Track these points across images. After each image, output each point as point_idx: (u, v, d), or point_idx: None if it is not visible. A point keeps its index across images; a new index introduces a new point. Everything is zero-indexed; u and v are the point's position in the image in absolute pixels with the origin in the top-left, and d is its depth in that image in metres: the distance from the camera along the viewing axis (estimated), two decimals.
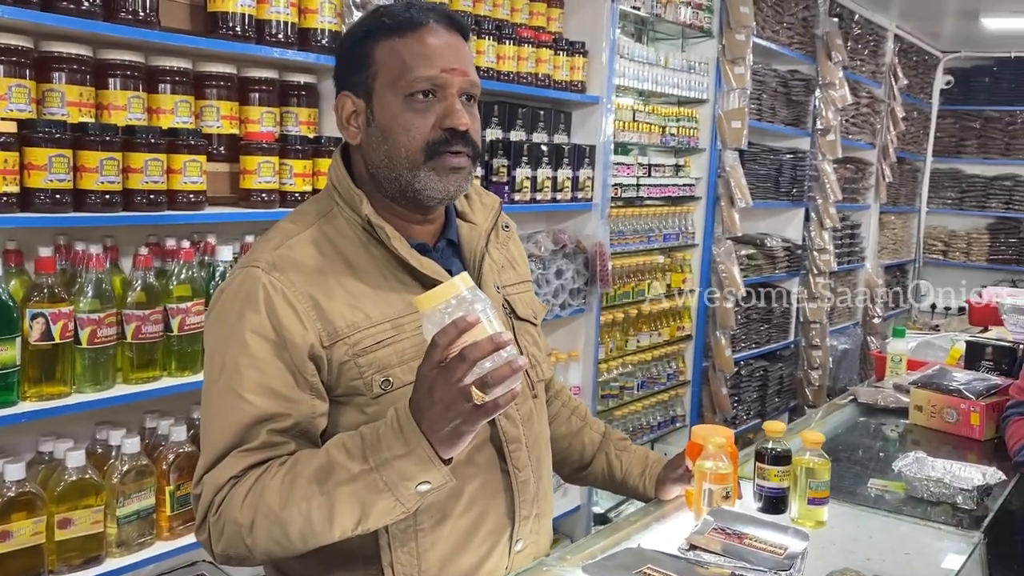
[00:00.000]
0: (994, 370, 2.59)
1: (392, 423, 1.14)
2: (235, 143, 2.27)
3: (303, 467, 1.18)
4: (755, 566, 1.36)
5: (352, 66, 1.31)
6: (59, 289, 1.86)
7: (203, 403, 1.28)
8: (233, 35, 2.16)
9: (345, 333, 1.25)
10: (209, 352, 1.29)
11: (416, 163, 1.28)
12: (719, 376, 4.32)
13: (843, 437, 2.35)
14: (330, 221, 1.33)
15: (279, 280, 1.24)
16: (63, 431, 1.99)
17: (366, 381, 1.26)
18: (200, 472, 1.24)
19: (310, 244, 1.30)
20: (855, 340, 6.10)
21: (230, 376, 1.22)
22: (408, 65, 1.26)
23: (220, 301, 1.29)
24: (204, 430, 1.26)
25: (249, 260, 1.28)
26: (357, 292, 1.28)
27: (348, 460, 1.15)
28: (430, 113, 1.27)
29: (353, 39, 1.33)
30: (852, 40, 5.48)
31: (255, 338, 1.22)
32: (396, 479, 1.13)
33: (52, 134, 1.83)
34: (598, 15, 3.33)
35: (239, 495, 1.19)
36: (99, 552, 1.92)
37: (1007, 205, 7.08)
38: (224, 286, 1.30)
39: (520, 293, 1.49)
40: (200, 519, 1.23)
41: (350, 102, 1.32)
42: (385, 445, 1.13)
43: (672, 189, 4.00)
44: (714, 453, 1.62)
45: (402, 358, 1.28)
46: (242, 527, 1.18)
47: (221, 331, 1.26)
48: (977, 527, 1.72)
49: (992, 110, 7.16)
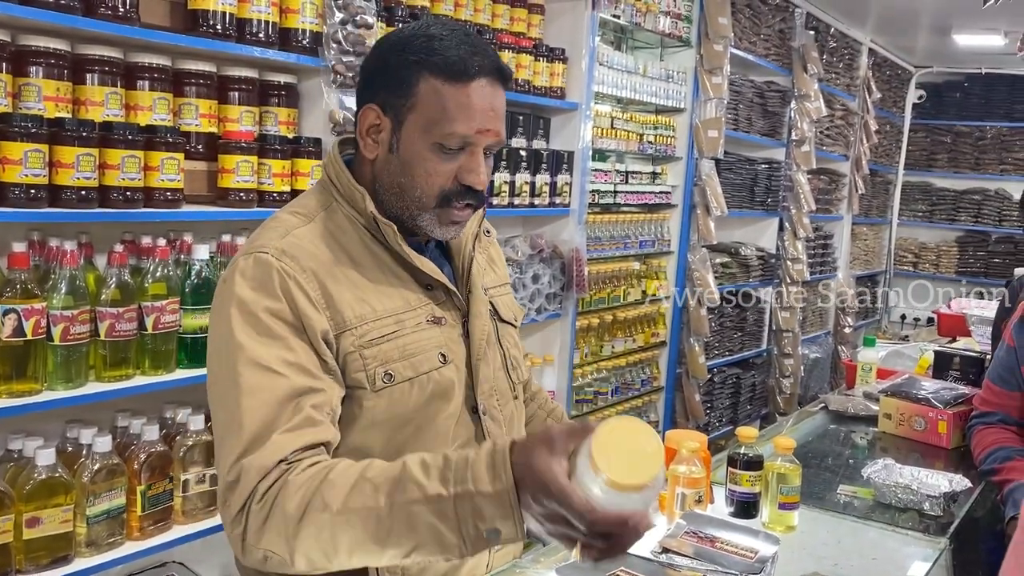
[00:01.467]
0: (961, 379, 2.64)
1: (486, 454, 1.04)
2: (213, 141, 2.26)
3: (373, 472, 1.09)
4: (726, 569, 1.38)
5: (389, 84, 1.28)
6: (32, 285, 1.84)
7: (221, 388, 1.20)
8: (213, 33, 2.15)
9: (353, 324, 1.25)
10: (224, 338, 1.20)
11: (425, 207, 1.30)
12: (692, 383, 4.35)
13: (814, 444, 2.38)
14: (331, 216, 1.32)
15: (290, 267, 1.23)
16: (33, 429, 1.96)
17: (369, 374, 1.25)
18: (234, 455, 1.13)
19: (315, 236, 1.29)
20: (826, 349, 6.18)
21: (257, 354, 1.17)
22: (448, 116, 1.25)
23: (228, 288, 1.24)
24: (231, 411, 1.16)
25: (256, 247, 1.25)
26: (361, 285, 1.28)
27: (424, 477, 1.05)
28: (453, 163, 1.28)
29: (399, 58, 1.28)
30: (828, 53, 5.55)
31: (274, 320, 1.20)
32: (469, 515, 1.02)
33: (28, 128, 1.81)
34: (578, 22, 3.35)
35: (295, 484, 1.09)
36: (68, 552, 1.90)
37: (976, 219, 7.21)
38: (229, 275, 1.25)
39: (502, 296, 1.51)
40: (237, 508, 1.12)
41: (375, 115, 1.30)
42: (474, 476, 1.02)
43: (649, 196, 4.03)
44: (687, 457, 1.63)
45: (403, 353, 1.28)
46: (289, 519, 1.08)
47: (236, 317, 1.20)
48: (943, 533, 1.75)
49: (962, 125, 7.29)
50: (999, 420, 2.17)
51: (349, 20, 2.40)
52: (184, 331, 2.14)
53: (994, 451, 2.09)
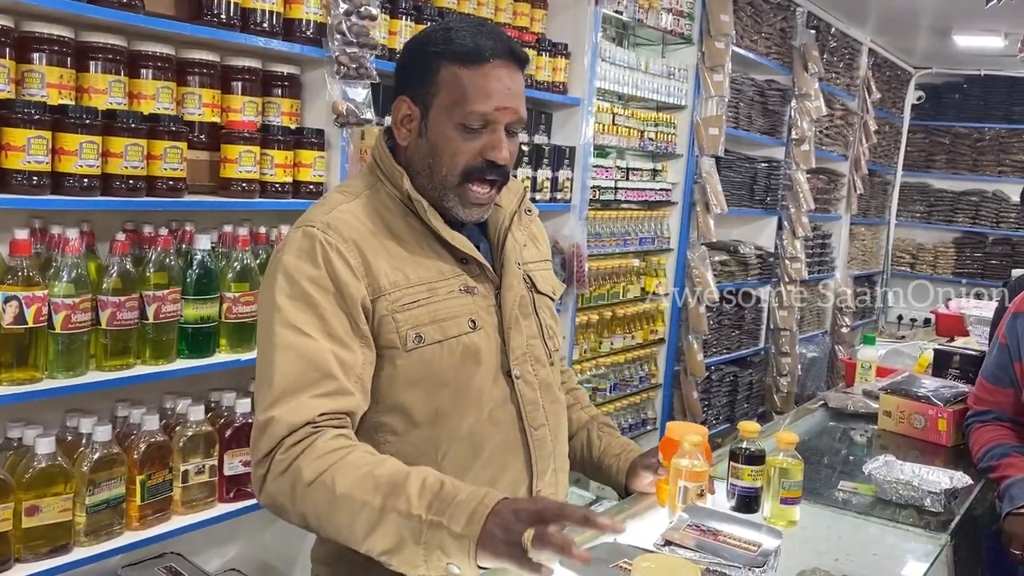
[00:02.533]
0: (960, 378, 2.64)
1: (472, 502, 1.16)
2: (216, 131, 2.25)
3: (382, 470, 1.22)
4: (729, 562, 1.38)
5: (415, 76, 1.42)
6: (34, 273, 1.83)
7: (262, 344, 1.35)
8: (218, 22, 2.14)
9: (387, 290, 1.38)
10: (270, 303, 1.35)
11: (450, 184, 1.41)
12: (690, 380, 4.36)
13: (813, 441, 2.38)
14: (375, 194, 1.46)
15: (333, 237, 1.36)
16: (33, 417, 1.96)
17: (401, 335, 1.37)
18: (265, 404, 1.29)
19: (359, 210, 1.42)
20: (823, 348, 6.19)
21: (293, 317, 1.31)
22: (468, 97, 1.37)
23: (278, 258, 1.38)
24: (271, 362, 1.31)
25: (305, 221, 1.40)
26: (398, 255, 1.41)
27: (417, 495, 1.18)
28: (477, 142, 1.39)
29: (422, 51, 1.42)
30: (828, 53, 5.56)
31: (314, 287, 1.33)
32: (435, 545, 1.16)
33: (31, 115, 1.80)
34: (581, 18, 3.35)
35: (317, 451, 1.24)
36: (67, 541, 1.89)
37: (973, 220, 7.23)
38: (281, 247, 1.40)
39: (541, 270, 1.62)
40: (264, 452, 1.27)
41: (406, 106, 1.43)
42: (450, 513, 1.16)
43: (649, 193, 4.03)
44: (690, 451, 1.63)
45: (433, 318, 1.40)
46: (301, 481, 1.23)
47: (281, 283, 1.34)
48: (944, 530, 1.76)
49: (961, 126, 7.30)
50: (994, 418, 2.19)
51: (353, 11, 2.39)
52: (185, 321, 2.13)
53: (991, 448, 2.10)
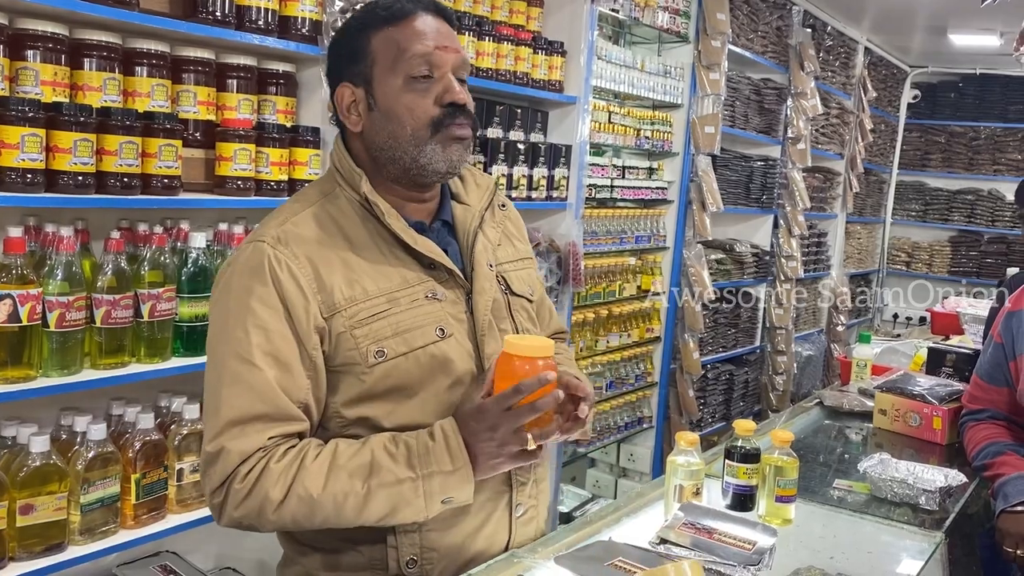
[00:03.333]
0: (955, 376, 2.65)
1: (441, 440, 1.27)
2: (211, 129, 2.25)
3: (344, 460, 1.27)
4: (724, 560, 1.38)
5: (349, 58, 1.39)
6: (28, 271, 1.83)
7: (211, 369, 1.32)
8: (213, 20, 2.14)
9: (343, 306, 1.32)
10: (218, 323, 1.33)
11: (422, 139, 1.35)
12: (686, 378, 4.36)
13: (809, 439, 2.38)
14: (332, 200, 1.40)
15: (283, 253, 1.31)
16: (27, 416, 1.95)
17: (361, 352, 1.32)
18: (216, 431, 1.27)
19: (312, 220, 1.36)
20: (819, 347, 6.19)
21: (240, 344, 1.28)
22: (403, 48, 1.34)
23: (227, 274, 1.34)
24: (218, 393, 1.29)
25: (256, 235, 1.35)
26: (355, 266, 1.35)
27: (393, 464, 1.26)
28: (429, 93, 1.35)
29: (349, 33, 1.40)
30: (824, 51, 5.56)
31: (263, 308, 1.29)
32: (435, 490, 1.27)
33: (25, 113, 1.79)
34: (577, 16, 3.34)
35: (276, 471, 1.25)
36: (61, 539, 1.89)
37: (969, 219, 7.24)
38: (231, 260, 1.36)
39: (518, 270, 1.54)
40: (218, 482, 1.27)
41: (349, 92, 1.39)
42: (435, 459, 1.26)
43: (645, 192, 4.03)
44: (685, 449, 1.64)
45: (396, 330, 1.34)
46: (270, 502, 1.25)
47: (229, 302, 1.31)
48: (939, 528, 1.76)
49: (957, 125, 7.31)
50: (988, 416, 2.19)
51: (349, 8, 2.39)
52: (180, 319, 2.13)
53: (985, 447, 2.10)
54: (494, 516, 1.43)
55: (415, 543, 1.36)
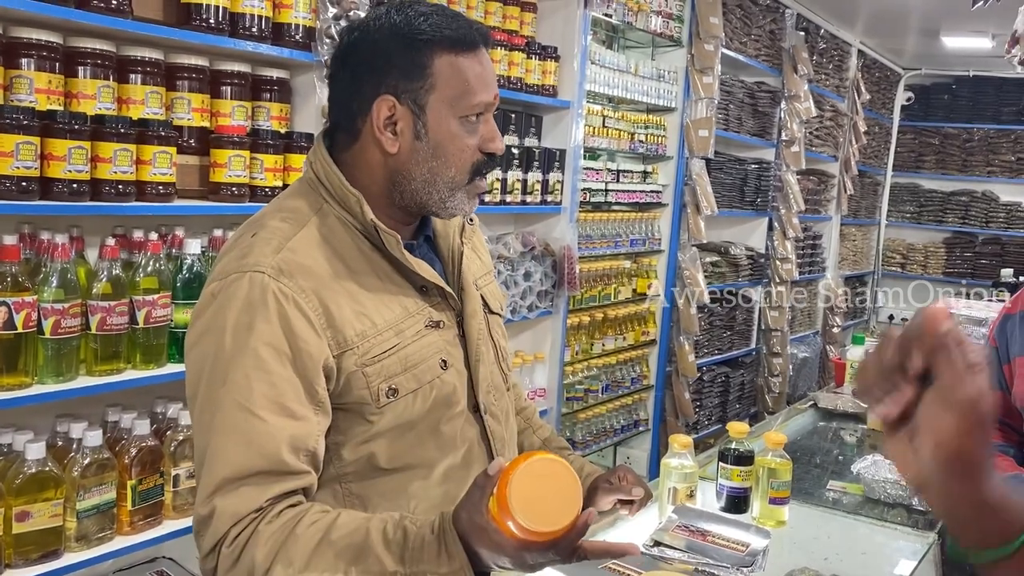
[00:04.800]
0: None
1: (439, 538, 1.11)
2: (206, 136, 2.25)
3: (338, 534, 1.13)
4: (718, 562, 1.39)
5: (403, 71, 1.23)
6: (23, 278, 1.83)
7: (201, 414, 1.17)
8: (206, 27, 2.15)
9: (354, 343, 1.21)
10: (210, 363, 1.17)
11: (459, 185, 1.27)
12: (682, 381, 4.37)
13: (803, 441, 2.39)
14: (323, 219, 1.26)
15: (288, 287, 1.17)
16: (23, 423, 1.95)
17: (373, 391, 1.22)
18: (209, 491, 1.14)
19: (312, 246, 1.23)
20: (814, 349, 6.21)
21: (239, 390, 1.14)
22: (472, 88, 1.24)
23: (217, 307, 1.18)
24: (211, 445, 1.15)
25: (249, 264, 1.18)
26: (360, 297, 1.23)
27: (385, 552, 1.11)
28: (476, 135, 1.27)
29: (406, 41, 1.23)
30: (817, 54, 5.58)
31: (268, 350, 1.15)
32: None
33: (20, 120, 1.80)
34: (570, 21, 3.36)
35: (264, 535, 1.12)
36: (57, 546, 1.89)
37: (963, 220, 7.26)
38: (219, 291, 1.19)
39: (488, 285, 1.48)
40: (209, 547, 1.14)
41: (391, 106, 1.24)
42: (427, 557, 1.10)
43: (639, 195, 4.04)
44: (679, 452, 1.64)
45: (405, 365, 1.25)
46: (256, 568, 1.12)
47: (224, 341, 1.15)
48: (932, 528, 1.77)
49: (950, 127, 7.34)
50: None
51: (342, 15, 2.40)
52: (175, 325, 2.13)
53: None
54: None
55: None
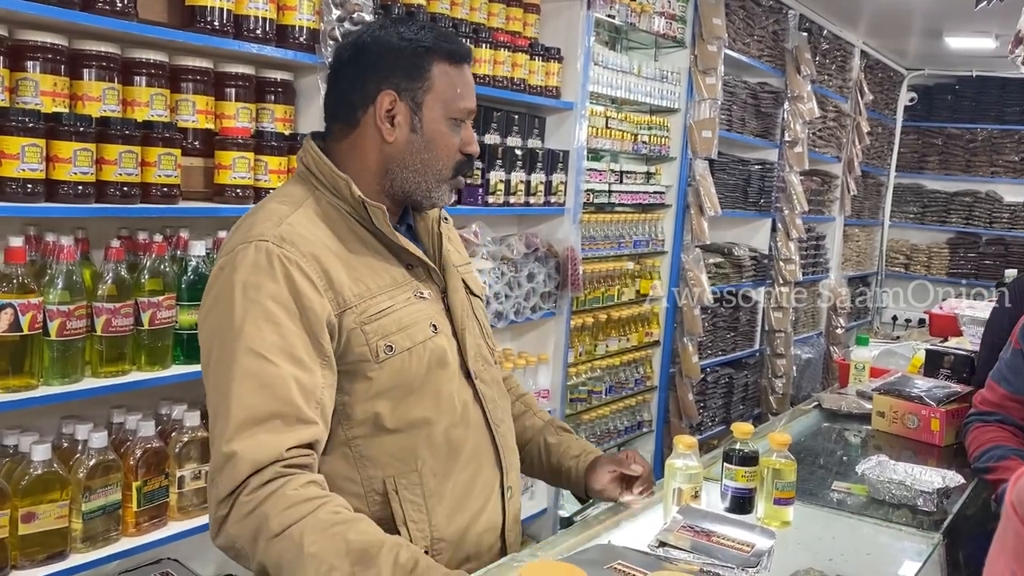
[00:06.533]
0: (953, 378, 2.65)
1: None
2: (210, 138, 2.26)
3: (355, 534, 1.19)
4: (723, 562, 1.39)
5: (407, 71, 1.42)
6: (29, 280, 1.84)
7: (216, 371, 1.26)
8: (211, 29, 2.15)
9: (353, 302, 1.34)
10: (223, 320, 1.28)
11: (444, 178, 1.46)
12: (686, 382, 4.37)
13: (807, 441, 2.39)
14: (316, 202, 1.41)
15: (291, 252, 1.30)
16: (29, 424, 1.96)
17: (372, 347, 1.34)
18: (228, 435, 1.20)
19: (309, 222, 1.36)
20: (818, 350, 6.20)
21: (251, 339, 1.24)
22: (459, 94, 1.44)
23: (226, 275, 1.30)
24: (227, 392, 1.23)
25: (254, 235, 1.31)
26: (354, 265, 1.37)
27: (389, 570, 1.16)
28: (458, 137, 1.46)
29: (412, 47, 1.42)
30: (820, 55, 5.58)
31: (275, 306, 1.26)
32: None
33: (25, 123, 1.81)
34: (574, 22, 3.36)
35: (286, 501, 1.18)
36: (63, 547, 1.89)
37: (967, 220, 7.25)
38: (226, 263, 1.31)
39: (468, 272, 1.63)
40: (226, 492, 1.20)
41: (392, 100, 1.41)
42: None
43: (643, 196, 4.04)
44: (684, 453, 1.64)
45: (400, 325, 1.38)
46: (267, 531, 1.17)
47: (234, 299, 1.26)
48: (937, 529, 1.77)
49: (954, 127, 7.33)
50: (998, 420, 2.11)
51: (346, 17, 2.40)
52: (180, 327, 2.13)
53: (990, 449, 2.07)
54: (492, 499, 1.49)
55: (426, 534, 1.38)
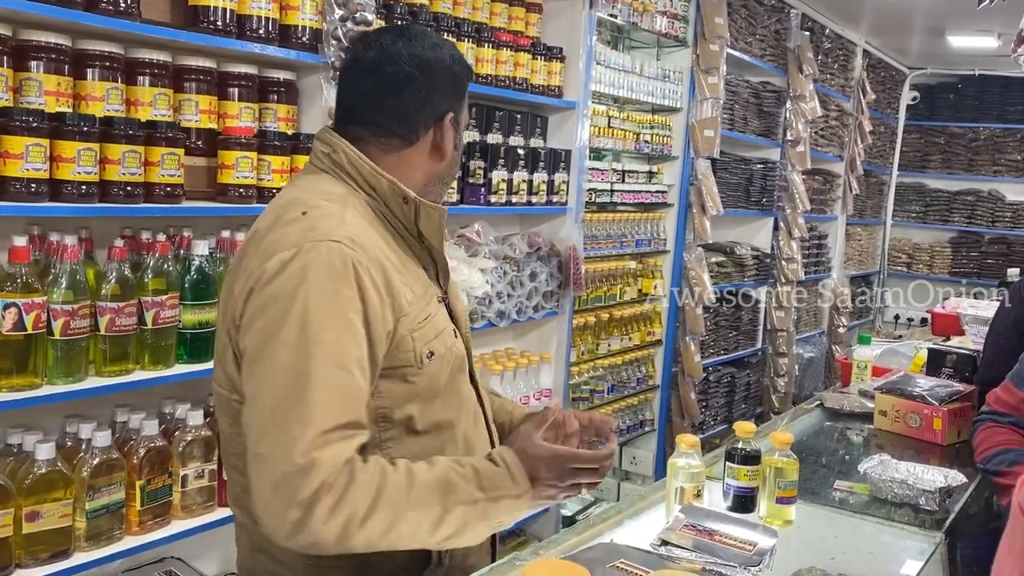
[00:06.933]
0: (955, 377, 2.65)
1: (504, 467, 1.32)
2: (213, 137, 2.26)
3: (422, 477, 1.26)
4: (725, 561, 1.39)
5: (457, 93, 1.45)
6: (33, 279, 1.84)
7: (287, 373, 1.20)
8: (214, 29, 2.16)
9: (407, 310, 1.32)
10: (294, 322, 1.21)
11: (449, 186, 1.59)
12: (688, 381, 4.37)
13: (810, 440, 2.39)
14: (357, 202, 1.36)
15: (362, 256, 1.26)
16: (33, 423, 1.97)
17: (416, 353, 1.33)
18: (307, 442, 1.16)
19: (362, 222, 1.33)
20: (820, 349, 6.20)
21: (331, 348, 1.21)
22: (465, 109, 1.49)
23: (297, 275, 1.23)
24: (303, 399, 1.18)
25: (322, 235, 1.25)
26: (402, 269, 1.35)
27: (467, 484, 1.28)
28: None
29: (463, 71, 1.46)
30: (823, 54, 5.58)
31: (353, 315, 1.24)
32: (500, 512, 1.31)
33: (29, 123, 1.81)
34: (576, 22, 3.36)
35: (362, 484, 1.19)
36: (67, 546, 1.90)
37: (969, 219, 7.25)
38: (293, 258, 1.24)
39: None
40: (308, 494, 1.15)
41: (450, 121, 1.44)
42: (502, 483, 1.30)
43: (645, 195, 4.04)
44: (686, 452, 1.65)
45: (436, 331, 1.38)
46: (356, 517, 1.19)
47: (308, 302, 1.21)
48: (939, 528, 1.77)
49: (956, 126, 7.33)
50: (1011, 422, 2.07)
51: (349, 17, 2.41)
52: (184, 326, 2.14)
53: (1001, 452, 2.02)
54: None
55: None
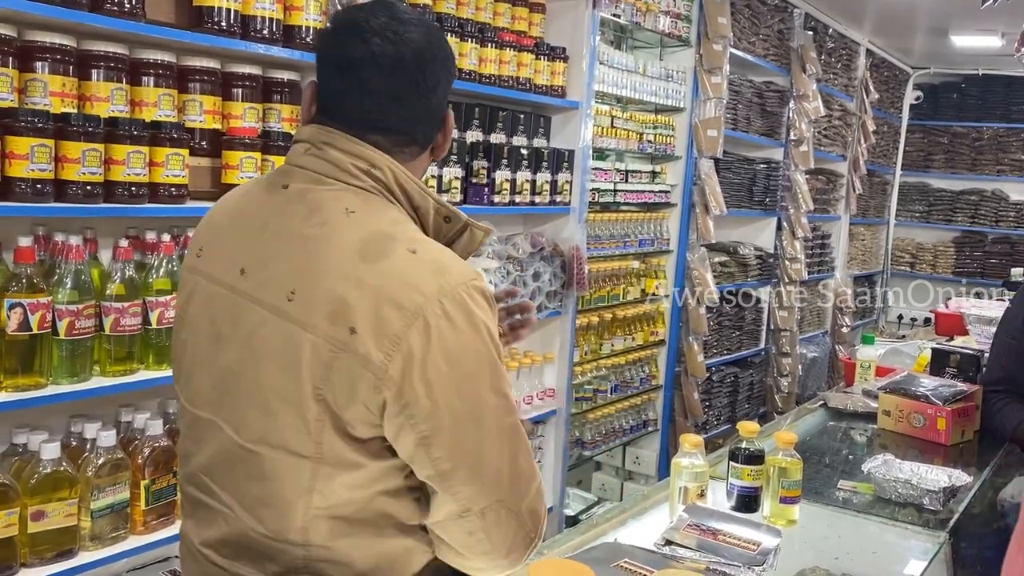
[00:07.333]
0: (959, 376, 2.65)
1: None
2: (218, 138, 2.27)
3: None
4: (729, 561, 1.39)
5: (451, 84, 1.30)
6: (38, 279, 1.85)
7: (504, 435, 1.17)
8: (218, 30, 2.16)
9: None
10: (486, 376, 1.16)
11: None
12: (691, 381, 4.37)
13: (813, 440, 2.39)
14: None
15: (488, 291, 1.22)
16: (38, 423, 1.97)
17: None
18: (533, 491, 1.19)
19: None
20: (824, 348, 6.20)
21: (513, 406, 1.19)
22: None
23: (475, 323, 1.15)
24: (519, 455, 1.18)
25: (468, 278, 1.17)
26: None
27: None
28: None
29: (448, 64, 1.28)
30: (826, 54, 5.57)
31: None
32: None
33: (34, 123, 1.82)
34: (579, 21, 3.36)
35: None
36: (72, 545, 1.91)
37: (972, 219, 7.24)
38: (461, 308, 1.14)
39: None
40: (530, 542, 1.21)
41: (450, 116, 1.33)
42: None
43: (648, 195, 4.04)
44: (690, 451, 1.65)
45: None
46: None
47: (492, 355, 1.17)
48: (943, 528, 1.77)
49: (959, 126, 7.32)
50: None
51: None
52: None
53: None
54: None
55: None
